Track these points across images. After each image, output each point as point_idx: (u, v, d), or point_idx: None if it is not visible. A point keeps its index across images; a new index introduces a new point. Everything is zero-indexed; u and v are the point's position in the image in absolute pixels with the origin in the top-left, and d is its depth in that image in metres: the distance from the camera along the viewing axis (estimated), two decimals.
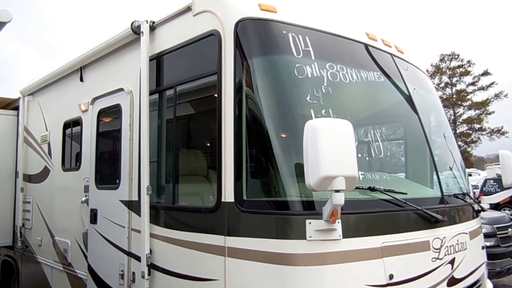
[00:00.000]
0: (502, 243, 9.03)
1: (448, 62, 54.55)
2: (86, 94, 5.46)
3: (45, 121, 6.72)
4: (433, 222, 3.62)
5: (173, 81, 4.08)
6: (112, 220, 4.66)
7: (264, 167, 3.36)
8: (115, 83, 4.82)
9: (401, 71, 4.27)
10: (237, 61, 3.45)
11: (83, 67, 5.66)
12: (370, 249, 3.18)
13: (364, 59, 4.05)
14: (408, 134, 4.54)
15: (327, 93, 3.47)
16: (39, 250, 6.60)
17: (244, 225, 3.29)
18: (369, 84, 3.95)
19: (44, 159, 6.65)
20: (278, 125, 3.33)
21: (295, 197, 3.14)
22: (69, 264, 5.64)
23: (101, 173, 5.06)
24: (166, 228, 3.96)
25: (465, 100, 53.14)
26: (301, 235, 3.00)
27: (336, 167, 2.65)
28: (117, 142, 4.71)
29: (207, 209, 3.63)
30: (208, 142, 4.60)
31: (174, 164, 4.05)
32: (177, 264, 3.81)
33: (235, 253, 3.28)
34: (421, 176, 4.42)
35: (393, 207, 3.43)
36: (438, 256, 3.60)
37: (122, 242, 4.48)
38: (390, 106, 4.35)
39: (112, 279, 4.61)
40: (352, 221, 3.17)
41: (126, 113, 4.59)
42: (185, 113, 4.60)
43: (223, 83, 3.50)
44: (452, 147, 4.84)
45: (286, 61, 3.46)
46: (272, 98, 3.39)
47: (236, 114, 3.39)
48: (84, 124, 5.56)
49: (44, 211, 6.52)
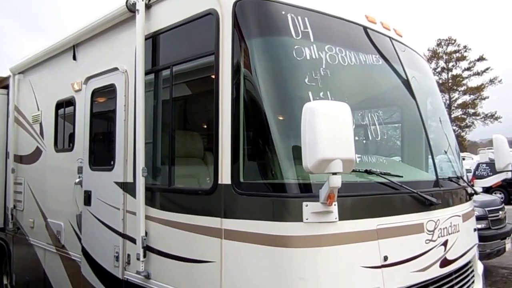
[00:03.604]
0: (493, 226, 9.21)
1: (444, 47, 54.79)
2: (80, 73, 5.38)
3: (37, 100, 6.63)
4: (427, 205, 3.65)
5: (170, 61, 4.03)
6: (107, 202, 4.63)
7: (261, 149, 3.35)
8: (109, 62, 4.75)
9: (399, 55, 4.25)
10: (235, 41, 3.40)
11: (76, 45, 5.56)
12: (366, 231, 3.21)
13: (363, 41, 4.01)
14: (405, 117, 4.55)
15: (325, 75, 3.44)
16: (32, 232, 6.56)
17: (241, 207, 3.28)
18: (367, 67, 3.92)
19: (36, 140, 6.57)
20: (276, 107, 3.31)
21: (292, 180, 3.14)
22: (63, 246, 5.62)
23: (95, 154, 5.01)
24: (162, 210, 3.95)
25: (461, 85, 53.44)
26: (298, 218, 3.00)
27: (333, 149, 2.65)
28: (112, 123, 4.67)
29: (204, 191, 3.62)
30: (205, 123, 4.57)
31: (170, 146, 4.02)
32: (172, 246, 3.81)
33: (232, 235, 3.29)
34: (417, 160, 4.44)
35: (388, 190, 3.45)
36: (431, 238, 3.64)
37: (117, 224, 4.47)
38: (388, 90, 4.34)
39: (106, 261, 4.61)
40: (348, 203, 3.18)
41: (121, 93, 4.54)
42: (181, 94, 4.55)
43: (221, 64, 3.46)
44: (447, 131, 4.86)
45: (285, 42, 3.42)
46: (270, 80, 3.36)
47: (233, 95, 3.36)
48: (77, 104, 5.49)
49: (36, 193, 6.47)
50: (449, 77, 54.29)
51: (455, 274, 3.98)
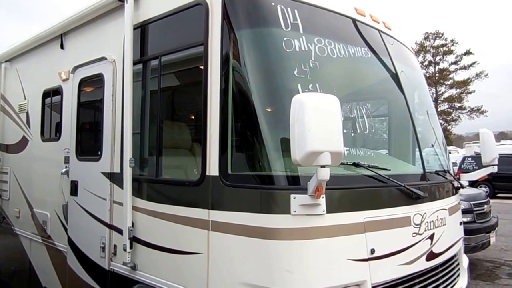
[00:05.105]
0: (478, 219, 9.29)
1: (432, 41, 55.00)
2: (67, 62, 5.32)
3: (24, 89, 6.54)
4: (414, 198, 3.67)
5: (158, 51, 3.99)
6: (93, 192, 4.60)
7: (250, 141, 3.33)
8: (97, 52, 4.69)
9: (388, 48, 4.25)
10: (224, 32, 3.38)
11: (64, 34, 5.49)
12: (353, 224, 3.21)
13: (352, 34, 4.00)
14: (393, 110, 4.56)
15: (314, 67, 3.43)
16: (17, 222, 6.51)
17: (229, 199, 3.27)
18: (356, 60, 3.91)
19: (22, 129, 6.50)
20: (265, 98, 3.29)
21: (280, 172, 3.12)
22: (49, 237, 5.58)
23: (82, 144, 4.97)
24: (149, 201, 3.93)
25: (447, 79, 53.76)
26: (286, 210, 3.00)
27: (322, 142, 2.64)
28: (99, 113, 4.62)
29: (191, 183, 3.60)
30: (193, 115, 4.54)
31: (158, 137, 3.99)
32: (159, 237, 3.80)
33: (219, 227, 3.28)
34: (404, 153, 4.46)
35: (376, 183, 3.46)
36: (418, 232, 3.66)
37: (103, 214, 4.44)
38: (376, 83, 4.34)
39: (93, 251, 4.58)
40: (336, 196, 3.18)
41: (108, 83, 4.49)
42: (169, 84, 4.51)
43: (210, 55, 3.44)
44: (434, 124, 4.88)
45: (274, 34, 3.40)
46: (259, 71, 3.34)
47: (222, 86, 3.34)
48: (64, 93, 5.43)
49: (23, 182, 6.41)
50: (436, 71, 54.62)
51: (441, 267, 4.02)
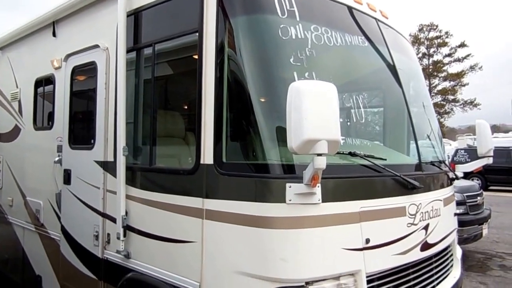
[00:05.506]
0: (471, 211, 9.34)
1: (426, 33, 54.98)
2: (59, 50, 5.25)
3: (16, 77, 6.47)
4: (410, 189, 3.65)
5: (152, 39, 3.93)
6: (87, 181, 4.56)
7: (245, 129, 3.30)
8: (90, 39, 4.63)
9: (385, 37, 4.22)
10: (220, 19, 3.33)
11: (56, 21, 5.41)
12: (348, 213, 3.20)
13: (349, 22, 3.95)
14: (389, 100, 4.53)
15: (311, 55, 3.38)
16: (10, 211, 6.47)
17: (223, 188, 3.24)
18: (353, 48, 3.88)
19: (14, 118, 6.44)
20: (260, 86, 3.25)
21: (276, 161, 3.09)
22: (42, 225, 5.55)
23: (75, 133, 4.92)
24: (143, 190, 3.89)
25: (441, 71, 53.82)
26: (281, 199, 2.97)
27: (319, 130, 2.61)
28: (92, 101, 4.57)
29: (185, 171, 3.56)
30: (187, 104, 4.50)
31: (152, 125, 3.94)
32: (153, 226, 3.77)
33: (213, 215, 3.25)
34: (400, 143, 4.44)
35: (372, 172, 3.44)
36: (413, 222, 3.65)
37: (96, 203, 4.41)
38: (373, 72, 4.30)
39: (86, 240, 4.56)
40: (332, 185, 3.16)
41: (101, 71, 4.43)
42: (164, 73, 4.47)
43: (204, 43, 3.39)
44: (430, 116, 4.87)
45: (271, 21, 3.35)
46: (255, 59, 3.29)
47: (217, 74, 3.30)
48: (57, 81, 5.37)
49: (15, 171, 6.36)
50: (430, 63, 54.67)
51: (435, 257, 4.03)
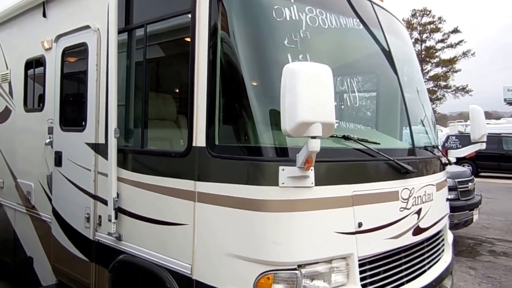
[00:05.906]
0: (462, 197, 9.39)
1: (419, 18, 54.73)
2: (50, 31, 5.16)
3: (5, 59, 6.37)
4: (403, 173, 3.65)
5: (144, 20, 3.86)
6: (78, 163, 4.53)
7: (238, 111, 3.26)
8: (81, 20, 4.54)
9: (380, 20, 4.17)
10: (213, 0, 3.27)
11: (46, 1, 5.30)
12: (341, 197, 3.18)
13: (343, 4, 3.90)
14: (383, 84, 4.49)
15: (305, 37, 3.34)
16: (1, 193, 6.43)
17: (215, 171, 3.21)
18: (347, 31, 3.83)
19: (4, 99, 6.36)
20: (254, 68, 3.20)
21: (269, 143, 3.06)
22: (33, 207, 5.52)
23: (66, 115, 4.87)
24: (134, 172, 3.86)
25: (434, 57, 53.74)
26: (274, 182, 2.95)
27: (314, 112, 2.58)
28: (83, 83, 4.51)
29: (177, 154, 3.53)
30: (180, 86, 4.44)
31: (143, 108, 3.89)
32: (145, 208, 3.75)
33: (205, 198, 3.23)
34: (393, 128, 4.42)
35: (365, 156, 3.42)
36: (406, 206, 3.66)
37: (88, 185, 4.38)
38: (368, 55, 4.25)
39: (77, 222, 4.54)
40: (325, 169, 3.14)
41: (92, 52, 4.37)
42: (156, 55, 4.40)
43: (197, 24, 3.33)
44: (424, 101, 4.85)
45: (265, 2, 3.30)
46: (249, 40, 3.24)
47: (210, 56, 3.25)
48: (47, 62, 5.29)
49: (6, 153, 6.31)
50: (423, 49, 54.54)
51: (427, 242, 4.05)
